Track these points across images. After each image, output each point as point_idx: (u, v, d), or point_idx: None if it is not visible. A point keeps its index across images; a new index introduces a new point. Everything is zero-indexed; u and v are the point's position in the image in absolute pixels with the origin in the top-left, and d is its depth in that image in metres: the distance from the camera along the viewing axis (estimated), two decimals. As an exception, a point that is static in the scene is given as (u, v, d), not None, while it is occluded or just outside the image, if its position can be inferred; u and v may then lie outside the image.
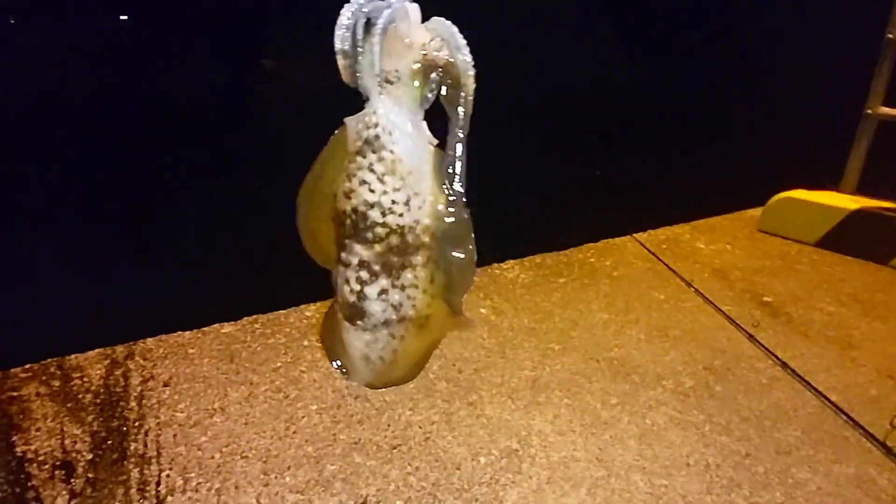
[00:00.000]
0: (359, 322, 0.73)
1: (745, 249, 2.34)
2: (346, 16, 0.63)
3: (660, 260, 2.20)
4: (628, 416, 1.45)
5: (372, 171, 0.65)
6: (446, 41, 0.61)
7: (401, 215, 0.66)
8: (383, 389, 1.42)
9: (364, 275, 0.69)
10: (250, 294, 1.79)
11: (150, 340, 1.62)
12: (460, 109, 0.63)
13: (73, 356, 1.56)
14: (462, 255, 0.71)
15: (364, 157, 0.65)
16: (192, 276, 1.77)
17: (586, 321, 1.81)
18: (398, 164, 0.64)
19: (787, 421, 1.45)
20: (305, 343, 1.62)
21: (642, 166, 2.64)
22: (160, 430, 1.34)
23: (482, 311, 1.80)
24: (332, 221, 0.72)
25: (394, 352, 0.78)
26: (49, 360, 1.55)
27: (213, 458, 1.27)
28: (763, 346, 1.70)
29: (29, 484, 1.18)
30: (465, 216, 0.72)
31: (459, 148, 0.68)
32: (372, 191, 0.65)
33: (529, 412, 1.44)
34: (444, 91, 0.64)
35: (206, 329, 1.68)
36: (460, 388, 1.50)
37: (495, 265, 2.06)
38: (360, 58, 0.63)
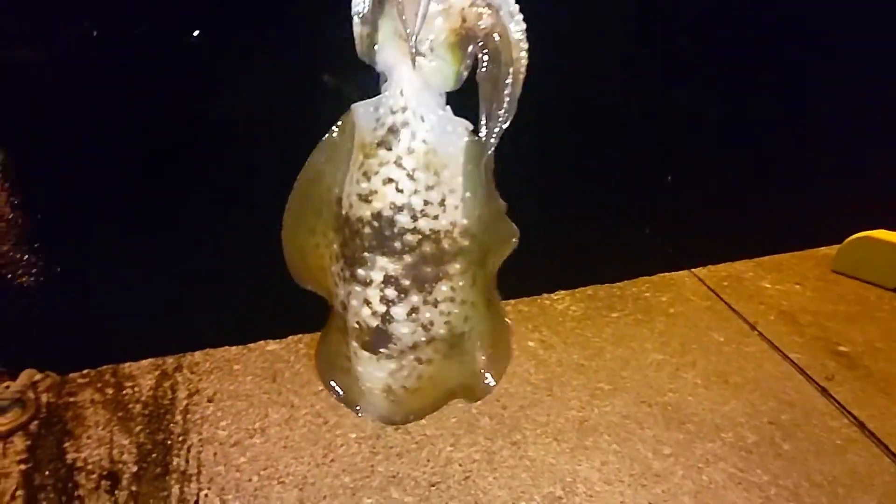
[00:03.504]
0: (382, 350, 0.60)
1: (817, 291, 2.17)
2: None
3: (720, 298, 2.06)
4: (682, 469, 1.35)
5: (400, 165, 0.53)
6: (494, 7, 0.50)
7: (435, 218, 0.54)
8: (423, 422, 1.39)
9: (391, 293, 0.57)
10: (297, 311, 1.79)
11: (197, 354, 1.65)
12: (506, 91, 0.50)
13: (126, 364, 1.61)
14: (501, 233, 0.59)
15: (389, 149, 0.53)
16: (242, 289, 1.80)
17: (639, 361, 1.71)
18: (432, 157, 0.53)
19: (862, 489, 1.31)
20: (348, 366, 1.61)
21: (703, 195, 2.49)
22: (202, 446, 1.35)
23: (530, 343, 1.74)
24: (335, 233, 0.59)
25: (419, 378, 0.64)
26: (105, 366, 1.60)
27: (250, 480, 1.26)
28: (838, 403, 1.56)
29: (76, 493, 1.21)
30: (503, 206, 0.59)
31: (496, 138, 0.53)
32: (400, 190, 0.53)
33: (575, 457, 1.37)
34: (482, 68, 0.51)
35: (251, 346, 1.70)
36: (504, 425, 1.44)
37: (545, 295, 1.99)
38: (380, 23, 0.52)
